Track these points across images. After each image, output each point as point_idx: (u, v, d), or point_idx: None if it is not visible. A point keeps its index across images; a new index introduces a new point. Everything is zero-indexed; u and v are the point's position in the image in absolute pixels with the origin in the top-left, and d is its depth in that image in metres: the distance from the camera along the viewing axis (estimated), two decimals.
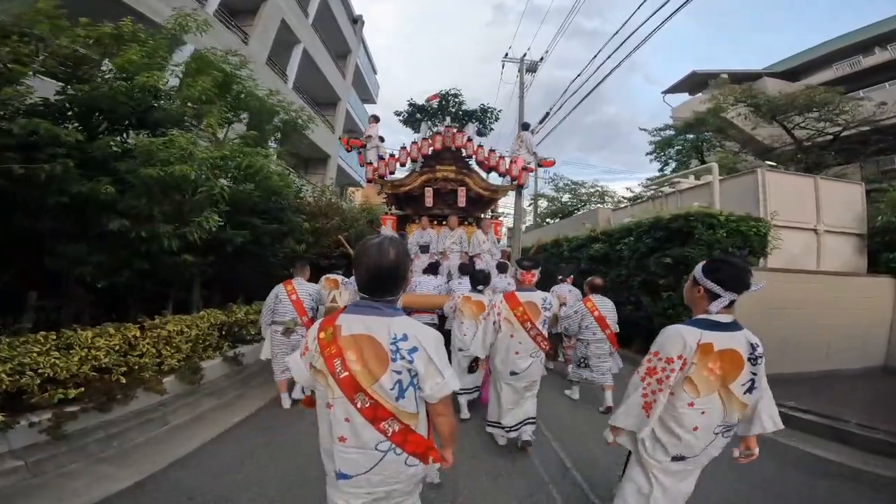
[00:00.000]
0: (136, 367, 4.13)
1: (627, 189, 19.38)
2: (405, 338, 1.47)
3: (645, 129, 20.26)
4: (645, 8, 8.74)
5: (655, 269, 7.42)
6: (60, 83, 4.70)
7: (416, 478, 1.59)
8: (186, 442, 3.87)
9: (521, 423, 3.60)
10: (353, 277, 3.29)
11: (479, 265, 6.76)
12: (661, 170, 19.45)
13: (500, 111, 18.78)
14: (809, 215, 8.52)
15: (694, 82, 25.04)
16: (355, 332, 1.47)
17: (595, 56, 10.70)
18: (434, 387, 1.48)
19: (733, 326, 1.88)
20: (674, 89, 25.61)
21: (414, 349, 1.46)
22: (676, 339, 1.85)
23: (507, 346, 3.43)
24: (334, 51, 19.87)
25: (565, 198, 25.27)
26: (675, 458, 1.91)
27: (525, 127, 8.81)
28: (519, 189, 13.22)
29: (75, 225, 4.37)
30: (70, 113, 4.73)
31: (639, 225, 8.18)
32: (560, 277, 7.37)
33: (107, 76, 4.87)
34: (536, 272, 3.56)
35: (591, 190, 24.55)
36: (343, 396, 1.44)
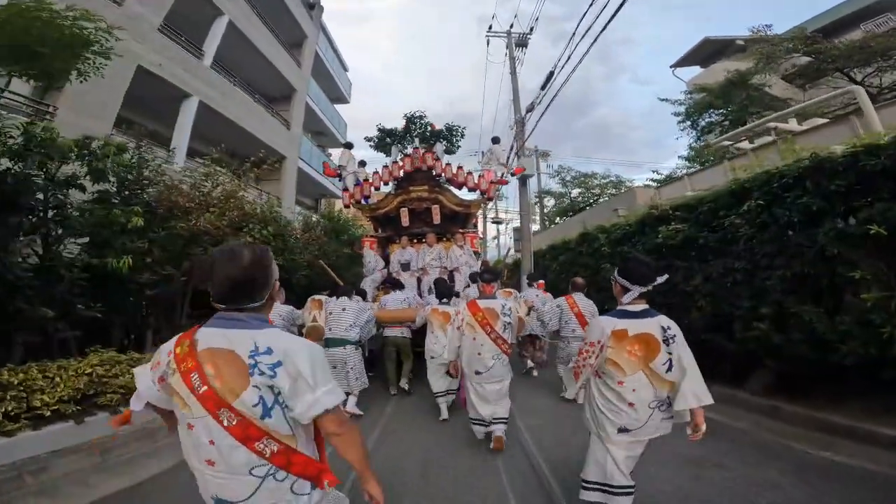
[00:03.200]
0: None
1: (655, 172, 16.17)
2: (269, 351, 1.24)
3: (666, 100, 17.06)
4: None
5: (834, 248, 3.77)
6: None
7: None
8: None
9: (492, 419, 3.75)
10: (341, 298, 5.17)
11: (459, 279, 7.09)
12: (698, 138, 16.00)
13: (464, 128, 18.05)
14: None
15: (706, 52, 22.02)
16: (214, 345, 1.26)
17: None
18: (304, 405, 1.23)
19: (646, 314, 2.24)
20: (683, 62, 22.47)
21: (278, 363, 1.23)
22: (597, 327, 2.28)
23: (471, 348, 3.70)
24: (287, 38, 16.55)
25: (574, 192, 21.99)
26: (621, 430, 2.21)
27: (495, 141, 8.87)
28: (524, 179, 12.26)
29: None
30: None
31: (769, 178, 4.53)
32: (527, 282, 7.64)
33: None
34: (496, 284, 4.05)
35: (604, 181, 21.27)
36: (207, 415, 1.21)
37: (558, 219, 22.15)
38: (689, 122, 16.20)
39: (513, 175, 9.26)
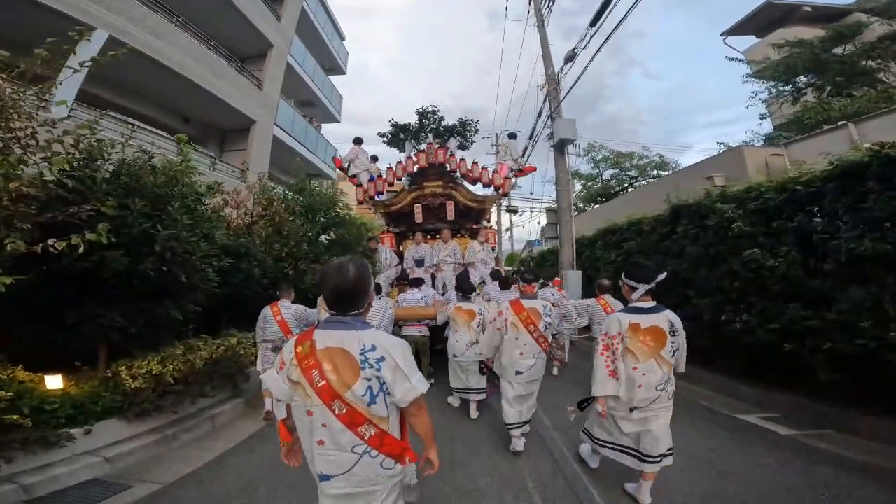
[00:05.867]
0: None
1: (721, 144, 13.17)
2: (373, 348, 1.54)
3: (738, 60, 13.96)
4: None
5: None
6: None
7: (395, 479, 1.63)
8: None
9: (521, 422, 3.74)
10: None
11: (474, 274, 6.76)
12: (795, 101, 12.69)
13: (477, 122, 18.65)
14: None
15: (765, 19, 18.91)
16: (329, 345, 1.55)
17: None
18: (403, 391, 1.54)
19: (655, 310, 2.64)
20: (737, 30, 19.33)
21: (381, 359, 1.53)
22: (615, 322, 2.66)
23: (513, 348, 3.63)
24: None
25: (607, 174, 18.87)
26: (633, 409, 2.63)
27: (512, 136, 8.66)
28: (562, 145, 10.40)
29: None
30: None
31: None
32: (542, 281, 7.27)
33: None
34: (537, 284, 4.13)
35: (642, 162, 18.08)
36: (322, 404, 1.50)
37: (591, 205, 19.08)
38: (776, 82, 12.94)
39: (521, 171, 8.37)
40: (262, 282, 5.64)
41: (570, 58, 10.79)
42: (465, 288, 4.97)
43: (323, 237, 9.14)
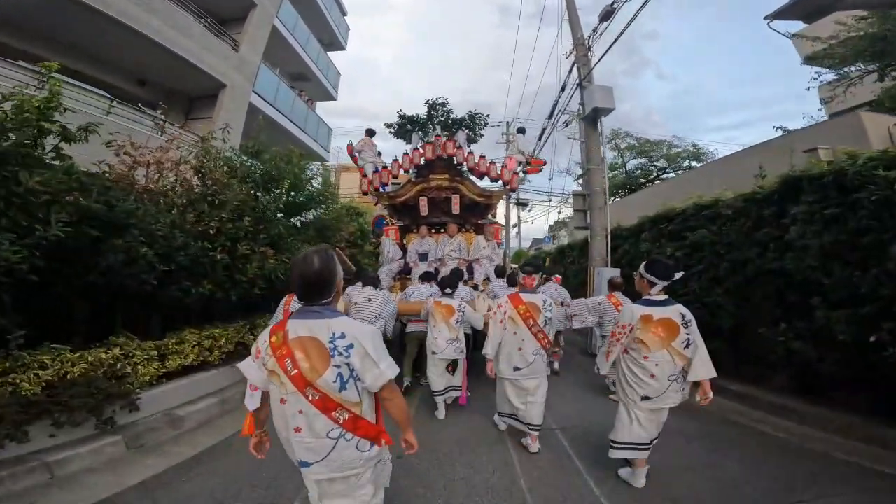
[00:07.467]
0: None
1: (779, 128, 11.53)
2: (343, 336, 1.59)
3: (802, 36, 12.28)
4: None
5: None
6: None
7: (372, 461, 1.69)
8: None
9: (528, 425, 3.56)
10: (367, 287, 5.06)
11: (479, 271, 6.88)
12: (880, 78, 10.84)
13: (487, 116, 17.78)
14: None
15: (812, 4, 16.90)
16: (301, 334, 1.60)
17: None
18: (373, 377, 1.61)
19: (668, 303, 2.77)
20: (783, 14, 17.31)
21: (350, 346, 1.59)
22: (628, 313, 2.80)
23: (511, 343, 3.56)
24: None
25: (631, 164, 17.18)
26: (644, 398, 2.73)
27: (520, 131, 8.53)
28: (596, 115, 9.16)
29: None
30: None
31: None
32: (544, 276, 7.02)
33: None
34: (537, 276, 3.92)
35: (674, 151, 16.36)
36: (296, 391, 1.57)
37: (612, 198, 17.50)
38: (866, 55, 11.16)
39: (529, 164, 7.99)
40: (159, 267, 3.75)
41: (608, 14, 8.92)
42: (443, 284, 4.75)
43: (297, 219, 7.46)
